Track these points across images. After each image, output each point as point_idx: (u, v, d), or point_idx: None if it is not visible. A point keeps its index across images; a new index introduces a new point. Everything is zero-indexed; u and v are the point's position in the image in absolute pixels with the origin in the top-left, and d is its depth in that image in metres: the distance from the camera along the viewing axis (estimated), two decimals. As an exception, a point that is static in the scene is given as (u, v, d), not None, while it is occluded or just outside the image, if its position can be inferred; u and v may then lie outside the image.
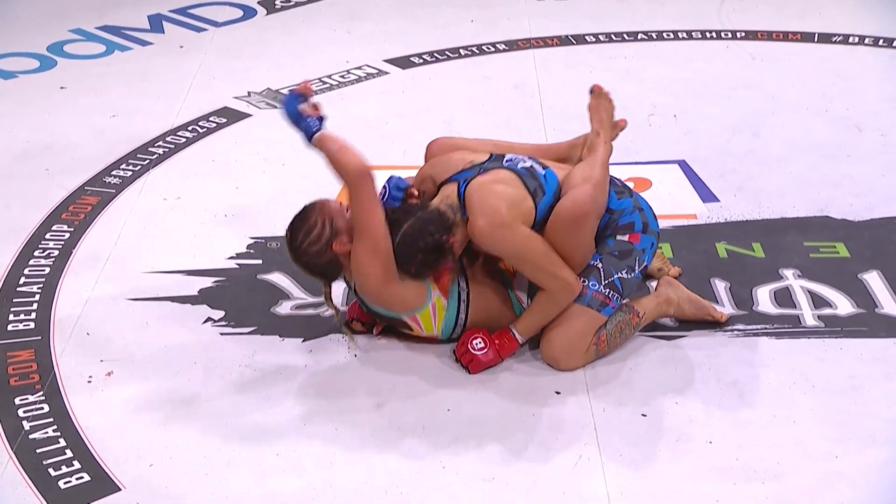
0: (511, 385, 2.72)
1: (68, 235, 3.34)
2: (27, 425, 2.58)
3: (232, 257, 3.25)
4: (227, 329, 2.93)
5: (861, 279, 3.11)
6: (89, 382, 2.73)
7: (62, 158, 3.78)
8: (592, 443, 2.54)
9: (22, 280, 3.12)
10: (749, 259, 3.21)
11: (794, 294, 3.05)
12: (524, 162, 2.80)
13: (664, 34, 4.78)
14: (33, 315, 2.97)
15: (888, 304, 3.00)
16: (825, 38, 4.69)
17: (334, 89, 4.33)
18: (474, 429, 2.59)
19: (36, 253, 3.24)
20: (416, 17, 4.98)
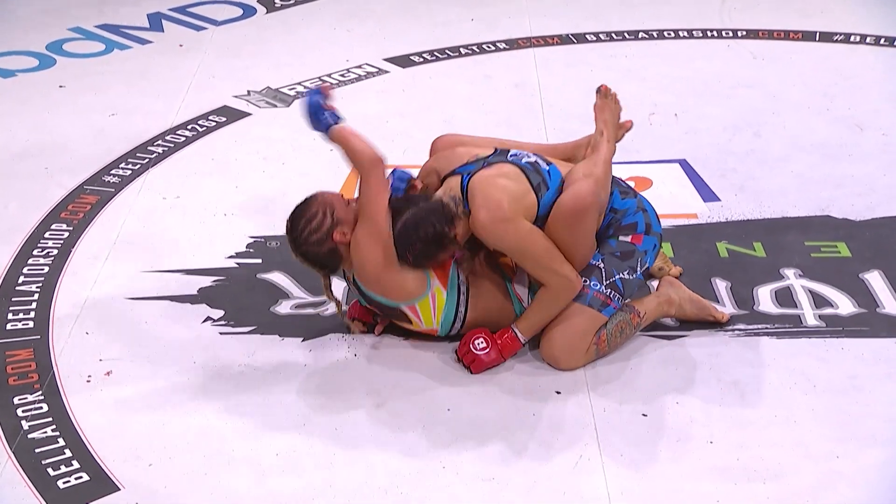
0: (511, 385, 2.72)
1: (67, 234, 3.33)
2: (26, 425, 2.58)
3: (231, 256, 3.24)
4: (227, 328, 2.93)
5: (862, 279, 3.10)
6: (88, 382, 2.73)
7: (61, 157, 3.77)
8: (593, 443, 2.53)
9: (21, 279, 3.11)
10: (750, 259, 3.21)
11: (796, 294, 3.04)
12: (528, 157, 2.80)
13: (665, 33, 4.77)
14: (32, 314, 2.97)
15: (889, 304, 2.99)
16: (826, 38, 4.68)
17: (334, 88, 4.31)
18: (474, 428, 2.58)
19: (35, 252, 3.24)
20: (417, 16, 4.97)
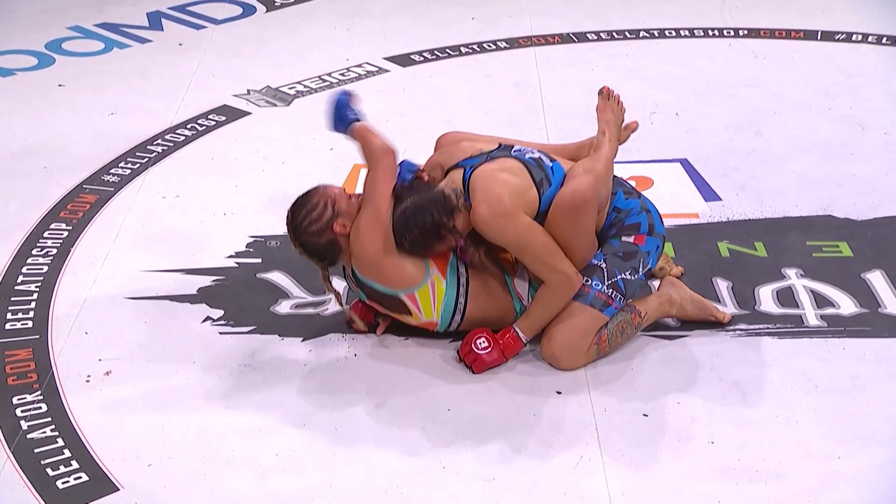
0: (512, 384, 2.71)
1: (66, 234, 3.32)
2: (25, 425, 2.57)
3: (231, 256, 3.23)
4: (227, 328, 2.92)
5: (864, 279, 3.09)
6: (87, 382, 2.72)
7: (60, 156, 3.76)
8: (594, 443, 2.53)
9: (20, 279, 3.11)
10: (751, 258, 3.20)
11: (797, 294, 3.04)
12: (533, 153, 2.81)
13: (666, 32, 4.77)
14: (31, 314, 2.96)
15: (891, 304, 2.99)
16: (828, 36, 4.67)
17: (334, 87, 4.31)
18: (475, 428, 2.58)
19: (34, 251, 3.23)
20: (417, 15, 4.97)
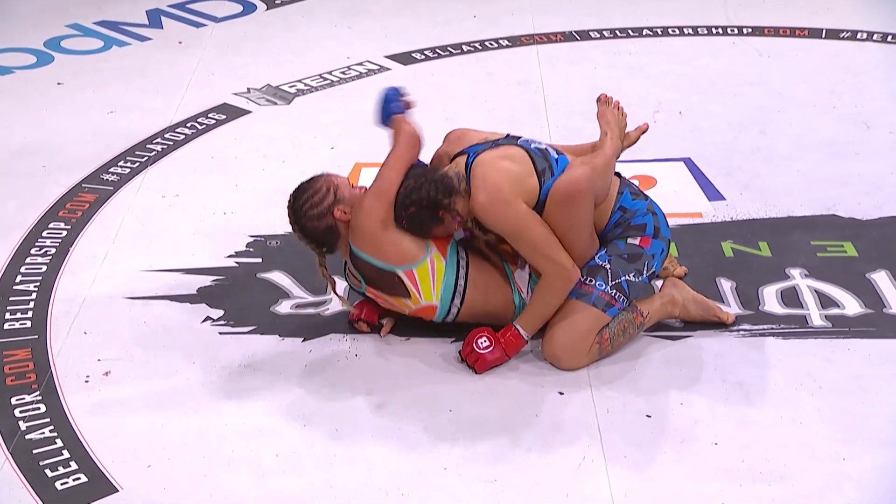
0: (514, 385, 2.70)
1: (65, 233, 3.31)
2: (23, 425, 2.56)
3: (231, 256, 3.22)
4: (227, 328, 2.91)
5: (869, 279, 3.08)
6: (86, 382, 2.71)
7: (59, 155, 3.76)
8: (596, 444, 2.51)
9: (18, 278, 3.10)
10: (755, 258, 3.18)
11: (801, 294, 3.02)
12: (539, 144, 2.82)
13: (669, 30, 4.76)
14: (30, 314, 2.95)
15: (896, 304, 2.98)
16: (833, 34, 4.66)
17: (335, 85, 4.30)
18: (476, 429, 2.57)
19: (33, 251, 3.22)
20: (418, 13, 4.96)
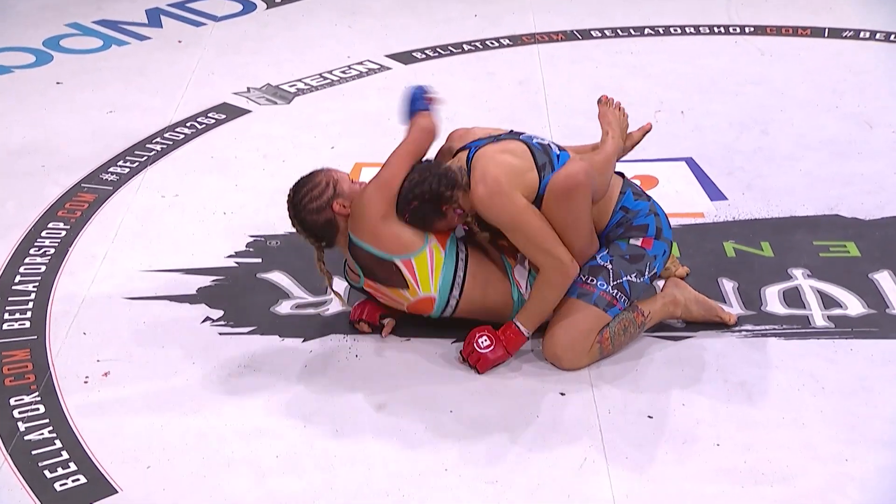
0: (515, 386, 2.70)
1: (64, 233, 3.30)
2: (22, 426, 2.55)
3: (231, 256, 3.22)
4: (226, 329, 2.90)
5: (872, 279, 3.07)
6: (86, 383, 2.70)
7: (58, 155, 3.75)
8: (597, 444, 2.51)
9: (17, 278, 3.09)
10: (757, 258, 3.18)
11: (804, 294, 3.01)
12: (542, 140, 2.82)
13: (671, 29, 4.75)
14: (29, 314, 2.94)
15: (899, 304, 2.97)
16: (835, 34, 4.65)
17: (335, 85, 4.30)
18: (477, 430, 2.56)
19: (32, 251, 3.21)
20: (419, 12, 4.96)
